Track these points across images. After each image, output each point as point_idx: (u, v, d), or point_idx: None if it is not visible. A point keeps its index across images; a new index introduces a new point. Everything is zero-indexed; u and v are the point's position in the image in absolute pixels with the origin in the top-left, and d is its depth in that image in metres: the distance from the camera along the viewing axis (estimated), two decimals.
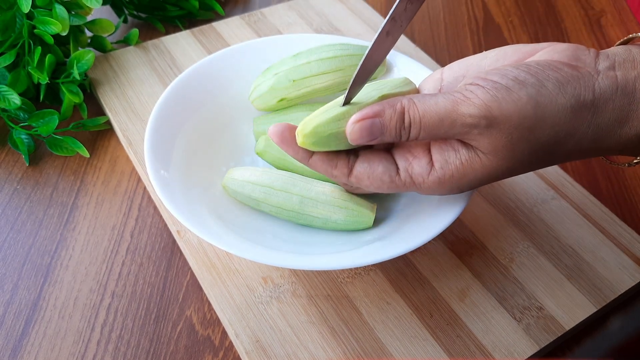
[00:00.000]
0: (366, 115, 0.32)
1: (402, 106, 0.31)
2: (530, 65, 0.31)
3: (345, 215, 0.40)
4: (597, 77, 0.31)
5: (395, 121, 0.31)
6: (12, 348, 0.38)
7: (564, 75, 0.31)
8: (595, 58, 0.32)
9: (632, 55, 0.32)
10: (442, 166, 0.33)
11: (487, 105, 0.30)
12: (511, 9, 0.71)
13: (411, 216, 0.40)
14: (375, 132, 0.32)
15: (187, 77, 0.45)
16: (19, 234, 0.44)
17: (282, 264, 0.35)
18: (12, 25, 0.49)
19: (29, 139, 0.49)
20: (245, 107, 0.48)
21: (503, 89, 0.30)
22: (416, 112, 0.31)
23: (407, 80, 0.37)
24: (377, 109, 0.32)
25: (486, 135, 0.31)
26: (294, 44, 0.49)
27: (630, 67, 0.31)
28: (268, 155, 0.43)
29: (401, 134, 0.32)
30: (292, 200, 0.40)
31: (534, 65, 0.31)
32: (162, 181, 0.38)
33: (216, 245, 0.35)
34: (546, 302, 0.40)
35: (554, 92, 0.30)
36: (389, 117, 0.31)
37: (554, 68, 0.31)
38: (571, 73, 0.31)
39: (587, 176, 0.51)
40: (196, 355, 0.38)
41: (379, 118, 0.32)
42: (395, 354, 0.37)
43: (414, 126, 0.31)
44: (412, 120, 0.31)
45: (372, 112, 0.32)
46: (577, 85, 0.31)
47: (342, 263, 0.35)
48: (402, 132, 0.32)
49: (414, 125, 0.31)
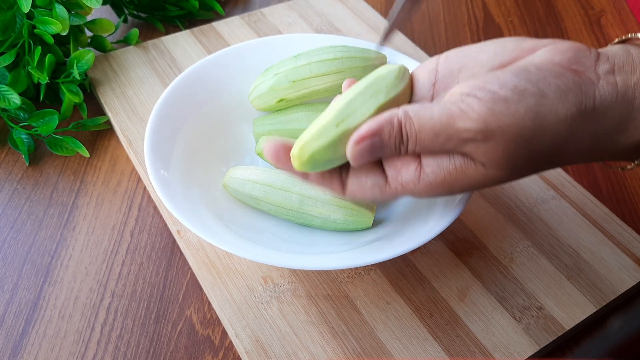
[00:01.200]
0: (365, 135, 0.31)
1: (399, 121, 0.31)
2: (531, 72, 0.30)
3: (344, 214, 0.40)
4: (598, 84, 0.31)
5: (395, 137, 0.31)
6: (12, 348, 0.38)
7: (566, 82, 0.30)
8: (596, 61, 0.31)
9: (631, 57, 0.32)
10: (433, 171, 0.32)
11: (484, 120, 0.29)
12: (511, 9, 0.71)
13: (411, 216, 0.40)
14: (376, 151, 0.31)
15: (187, 76, 0.45)
16: (19, 234, 0.44)
17: (281, 263, 0.35)
18: (12, 25, 0.49)
19: (29, 138, 0.49)
20: (246, 107, 0.48)
21: (501, 101, 0.29)
22: (412, 128, 0.31)
23: (400, 72, 0.35)
24: (374, 127, 0.31)
25: (482, 147, 0.30)
26: (295, 44, 0.49)
27: (630, 72, 0.31)
28: None
29: (400, 149, 0.32)
30: (292, 199, 0.40)
31: (535, 71, 0.30)
32: (162, 181, 0.38)
33: (216, 245, 0.35)
34: (546, 302, 0.40)
35: (555, 101, 0.30)
36: (387, 135, 0.31)
37: (556, 74, 0.30)
38: (573, 79, 0.30)
39: (587, 176, 0.51)
40: (196, 355, 0.38)
41: (377, 137, 0.31)
42: (395, 353, 0.37)
43: (411, 141, 0.31)
44: (409, 135, 0.31)
45: (370, 131, 0.31)
46: (578, 93, 0.30)
47: (342, 263, 0.35)
48: (401, 147, 0.31)
49: (411, 140, 0.31)
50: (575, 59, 0.31)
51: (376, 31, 0.62)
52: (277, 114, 0.46)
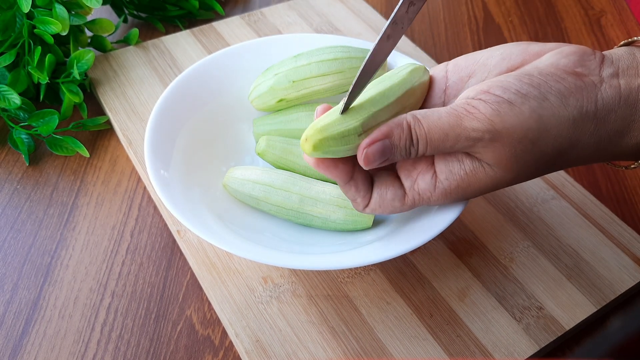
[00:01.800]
0: (376, 139, 0.32)
1: (408, 124, 0.32)
2: (533, 76, 0.31)
3: (344, 214, 0.40)
4: (601, 87, 0.31)
5: (405, 140, 0.32)
6: (12, 348, 0.38)
7: (567, 86, 0.31)
8: (601, 64, 0.32)
9: (636, 60, 0.32)
10: (447, 177, 0.33)
11: (490, 120, 0.30)
12: (511, 9, 0.71)
13: (411, 217, 0.40)
14: (387, 153, 0.32)
15: (187, 76, 0.45)
16: (19, 234, 0.44)
17: (282, 263, 0.35)
18: (12, 25, 0.49)
19: (29, 138, 0.49)
20: (245, 107, 0.48)
21: (505, 103, 0.30)
22: (422, 130, 0.32)
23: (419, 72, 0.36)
24: (385, 130, 0.32)
25: (490, 148, 0.31)
26: (295, 44, 0.49)
27: (634, 75, 0.31)
28: (269, 155, 0.43)
29: (410, 151, 0.32)
30: (292, 199, 0.40)
31: (537, 76, 0.31)
32: (162, 181, 0.38)
33: (216, 245, 0.35)
34: (546, 302, 0.40)
35: (556, 105, 0.30)
36: (397, 137, 0.32)
37: (557, 79, 0.31)
38: (575, 83, 0.31)
39: (587, 176, 0.51)
40: (196, 355, 0.38)
41: (388, 139, 0.32)
42: (395, 353, 0.37)
43: (421, 143, 0.32)
44: (419, 137, 0.32)
45: (382, 134, 0.32)
46: (579, 97, 0.31)
47: (342, 263, 0.35)
48: (412, 149, 0.32)
49: (421, 142, 0.32)
50: (580, 62, 0.32)
51: (376, 31, 0.62)
52: (277, 114, 0.46)
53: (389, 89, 0.34)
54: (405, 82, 0.35)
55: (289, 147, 0.43)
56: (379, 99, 0.33)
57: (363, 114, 0.32)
